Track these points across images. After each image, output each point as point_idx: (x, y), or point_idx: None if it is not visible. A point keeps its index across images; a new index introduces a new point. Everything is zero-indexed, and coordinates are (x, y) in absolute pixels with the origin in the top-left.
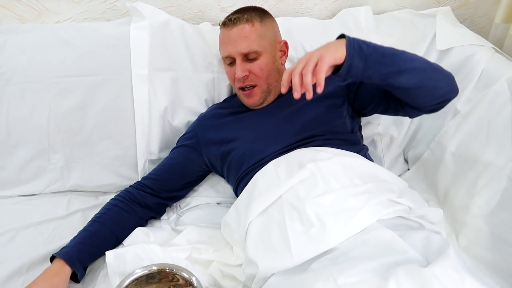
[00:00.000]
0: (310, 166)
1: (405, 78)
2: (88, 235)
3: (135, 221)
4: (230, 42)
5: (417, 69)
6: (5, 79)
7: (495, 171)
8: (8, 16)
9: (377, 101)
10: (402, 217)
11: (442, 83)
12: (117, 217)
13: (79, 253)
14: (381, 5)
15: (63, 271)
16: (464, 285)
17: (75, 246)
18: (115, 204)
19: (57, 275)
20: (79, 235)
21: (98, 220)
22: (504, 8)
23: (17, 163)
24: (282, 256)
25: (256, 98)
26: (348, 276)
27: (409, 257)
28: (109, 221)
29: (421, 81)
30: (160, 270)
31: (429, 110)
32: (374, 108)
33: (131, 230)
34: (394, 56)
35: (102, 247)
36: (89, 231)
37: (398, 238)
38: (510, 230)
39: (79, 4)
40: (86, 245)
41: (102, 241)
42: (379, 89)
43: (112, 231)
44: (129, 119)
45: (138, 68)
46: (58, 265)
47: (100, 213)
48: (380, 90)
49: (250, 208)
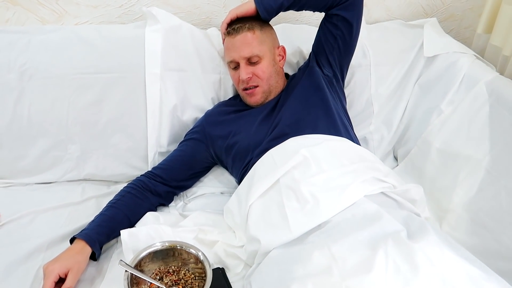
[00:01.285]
0: (303, 152)
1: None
2: (105, 219)
3: (147, 207)
4: (234, 49)
5: None
6: (29, 75)
7: (474, 164)
8: (31, 18)
9: (324, 39)
10: (387, 195)
11: None
12: (130, 203)
13: (98, 235)
14: (374, 16)
15: (85, 251)
16: (444, 256)
17: (94, 228)
18: (129, 191)
19: (80, 254)
20: (96, 219)
21: (114, 206)
22: (485, 19)
23: (36, 152)
24: (281, 231)
25: (258, 97)
26: (341, 245)
27: (394, 227)
28: (124, 206)
29: None
30: (172, 247)
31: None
32: (328, 44)
33: (143, 215)
34: None
35: (117, 230)
36: (106, 215)
37: (384, 211)
38: (487, 216)
39: (97, 8)
40: (104, 227)
41: (118, 224)
42: (320, 37)
43: (126, 215)
44: (142, 114)
45: (151, 67)
46: (80, 245)
47: (115, 199)
48: (320, 37)
49: (251, 192)
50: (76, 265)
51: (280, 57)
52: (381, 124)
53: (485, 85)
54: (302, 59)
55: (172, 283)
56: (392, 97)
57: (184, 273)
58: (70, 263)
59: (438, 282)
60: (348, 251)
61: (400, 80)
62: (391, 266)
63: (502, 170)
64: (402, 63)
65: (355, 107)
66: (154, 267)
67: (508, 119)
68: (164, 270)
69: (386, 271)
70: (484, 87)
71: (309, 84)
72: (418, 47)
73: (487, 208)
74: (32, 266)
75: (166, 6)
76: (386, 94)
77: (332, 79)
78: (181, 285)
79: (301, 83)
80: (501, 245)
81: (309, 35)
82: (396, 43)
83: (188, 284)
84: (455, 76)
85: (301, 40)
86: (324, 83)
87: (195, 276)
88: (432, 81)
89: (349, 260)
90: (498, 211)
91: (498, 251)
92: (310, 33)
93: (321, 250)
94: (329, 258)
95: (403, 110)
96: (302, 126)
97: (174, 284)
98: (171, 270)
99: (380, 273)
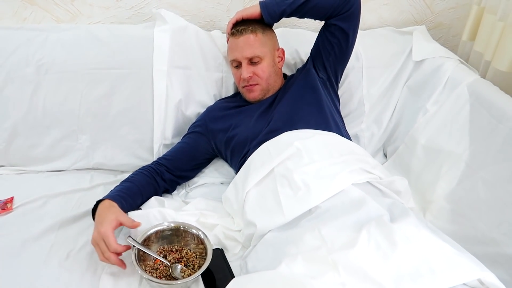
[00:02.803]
0: (296, 144)
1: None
2: (122, 189)
3: (155, 188)
4: (237, 49)
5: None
6: (45, 69)
7: (455, 158)
8: (47, 17)
9: (322, 45)
10: (373, 185)
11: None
12: (143, 181)
13: (120, 198)
14: (367, 22)
15: (113, 204)
16: (419, 234)
17: (116, 193)
18: (141, 172)
19: (111, 207)
20: (115, 189)
21: (129, 180)
22: (469, 28)
23: (49, 142)
24: (275, 215)
25: (256, 93)
26: (330, 227)
27: (378, 212)
28: (138, 182)
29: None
30: (177, 227)
31: (344, 12)
32: (325, 50)
33: (152, 195)
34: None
35: (132, 202)
36: (123, 186)
37: (369, 198)
38: (465, 205)
39: (109, 9)
40: (123, 193)
41: (133, 196)
42: (318, 43)
43: (140, 190)
44: (148, 108)
45: (159, 64)
46: (107, 203)
47: (129, 177)
48: (318, 43)
49: (247, 181)
50: (118, 213)
51: (279, 58)
52: (372, 122)
53: (466, 86)
54: (299, 60)
55: (174, 260)
56: (383, 97)
57: (186, 252)
58: (112, 215)
59: (413, 256)
60: (336, 233)
61: (390, 82)
62: (373, 243)
63: (480, 163)
64: (392, 66)
65: (348, 106)
66: (159, 246)
67: (486, 117)
68: (167, 249)
69: (368, 247)
70: (466, 89)
71: (305, 84)
72: (408, 52)
73: (466, 198)
74: (45, 243)
75: (174, 9)
76: (377, 94)
77: (326, 82)
78: (183, 262)
79: (297, 82)
80: (477, 231)
81: (306, 39)
82: (387, 48)
83: (190, 262)
84: (440, 79)
85: (298, 43)
86: (319, 84)
87: (196, 255)
88: (420, 83)
89: (337, 240)
90: (475, 200)
91: (475, 236)
92: (307, 37)
93: (312, 233)
94: (319, 239)
95: (393, 109)
96: (295, 121)
97: (177, 262)
98: (174, 249)
99: (362, 248)
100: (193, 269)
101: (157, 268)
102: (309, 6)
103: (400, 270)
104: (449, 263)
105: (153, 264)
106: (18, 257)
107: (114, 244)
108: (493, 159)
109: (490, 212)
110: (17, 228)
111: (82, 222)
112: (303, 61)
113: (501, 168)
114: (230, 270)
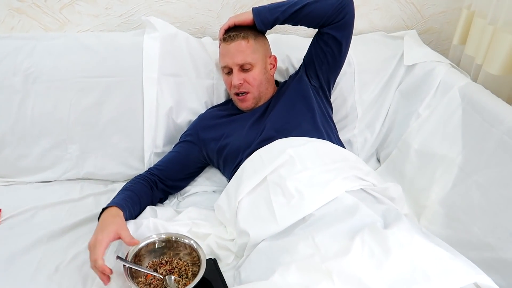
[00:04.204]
0: (289, 151)
1: (297, 4)
2: (124, 197)
3: (151, 198)
4: (229, 55)
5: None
6: (33, 78)
7: (448, 162)
8: (35, 25)
9: (315, 53)
10: (367, 192)
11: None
12: (141, 191)
13: (127, 207)
14: (358, 27)
15: (119, 213)
16: (413, 240)
17: (123, 201)
18: (139, 181)
19: (116, 216)
20: (120, 196)
21: (130, 190)
22: (459, 32)
23: (38, 152)
24: (269, 224)
25: (249, 103)
26: (324, 235)
27: (372, 219)
28: (137, 191)
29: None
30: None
31: (337, 21)
32: (318, 58)
33: (149, 204)
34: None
35: (133, 211)
36: (126, 195)
37: (363, 205)
38: (459, 209)
39: (98, 17)
40: (128, 202)
41: (133, 204)
42: (311, 51)
43: (139, 199)
44: (139, 116)
45: (149, 72)
46: (113, 210)
47: (129, 185)
48: (311, 51)
49: (240, 189)
50: (120, 226)
51: (271, 65)
52: (364, 127)
53: (458, 90)
54: (291, 66)
55: (166, 272)
56: (375, 102)
57: (177, 262)
58: (114, 227)
59: (407, 262)
60: (330, 241)
61: (382, 87)
62: (366, 250)
63: (473, 167)
64: (384, 71)
65: (341, 112)
66: (150, 260)
67: (479, 121)
68: (157, 262)
69: (362, 254)
70: (458, 92)
71: (297, 92)
72: (399, 56)
73: (460, 203)
74: (34, 256)
75: (164, 16)
76: (369, 99)
77: (318, 90)
78: (176, 273)
79: (290, 90)
80: (472, 235)
81: (298, 45)
82: (378, 53)
83: (183, 271)
84: (432, 83)
85: (290, 49)
86: (311, 92)
87: (187, 263)
88: (411, 88)
89: (330, 248)
90: (469, 205)
91: (470, 241)
92: (298, 43)
93: (306, 241)
94: (313, 247)
95: (385, 114)
96: (288, 129)
97: (169, 273)
98: (164, 261)
99: (356, 256)
100: (187, 278)
101: (150, 283)
102: (302, 14)
103: (394, 277)
104: (443, 267)
105: (145, 280)
106: (6, 271)
107: (100, 259)
108: (486, 163)
109: (484, 217)
110: (4, 241)
111: (72, 234)
112: (295, 67)
113: (494, 172)
114: (223, 280)
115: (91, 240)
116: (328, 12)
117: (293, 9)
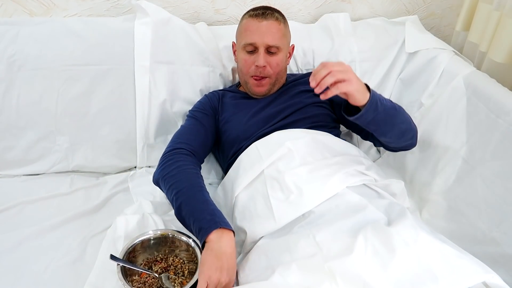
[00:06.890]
0: (288, 144)
1: (390, 133)
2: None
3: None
4: (258, 33)
5: (400, 129)
6: (17, 66)
7: (452, 154)
8: (19, 10)
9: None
10: (369, 186)
11: (408, 140)
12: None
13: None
14: (358, 13)
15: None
16: (418, 238)
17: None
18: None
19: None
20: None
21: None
22: (463, 17)
23: (24, 144)
24: (266, 221)
25: (265, 88)
26: (325, 233)
27: (375, 216)
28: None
29: (397, 136)
30: (164, 235)
31: (399, 148)
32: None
33: None
34: (392, 118)
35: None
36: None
37: (365, 201)
38: (463, 202)
39: (85, 1)
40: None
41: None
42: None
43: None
44: (131, 106)
45: (140, 60)
46: (230, 237)
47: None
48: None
49: (236, 183)
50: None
51: (289, 54)
52: None
53: (462, 79)
54: None
55: (162, 270)
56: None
57: (173, 259)
58: (233, 272)
59: (413, 262)
60: (332, 240)
61: (383, 75)
62: (370, 249)
63: (478, 159)
64: (385, 59)
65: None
66: (144, 257)
67: (484, 111)
68: (152, 259)
69: (365, 253)
70: (462, 81)
71: (304, 91)
72: (400, 43)
73: (464, 196)
74: (21, 253)
75: (155, 1)
76: None
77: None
78: (171, 271)
79: (301, 88)
80: (476, 230)
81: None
82: (379, 40)
83: (179, 269)
84: (435, 71)
85: None
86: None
87: (183, 261)
88: (413, 76)
89: (332, 247)
90: (474, 198)
91: (475, 236)
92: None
93: (306, 239)
94: (314, 246)
95: None
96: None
97: (164, 271)
98: (159, 259)
99: (359, 255)
100: (183, 276)
101: (144, 281)
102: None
103: (400, 277)
104: (451, 267)
105: (140, 279)
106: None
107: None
108: (492, 155)
109: (489, 211)
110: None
111: (62, 230)
112: (294, 55)
113: (500, 164)
114: None
115: (215, 275)
116: (405, 143)
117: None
